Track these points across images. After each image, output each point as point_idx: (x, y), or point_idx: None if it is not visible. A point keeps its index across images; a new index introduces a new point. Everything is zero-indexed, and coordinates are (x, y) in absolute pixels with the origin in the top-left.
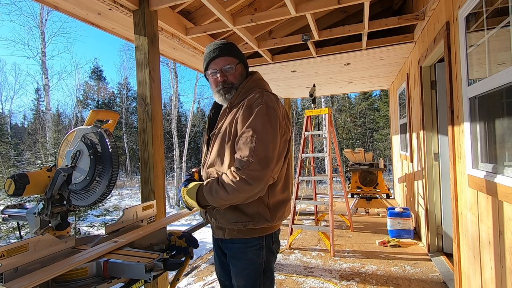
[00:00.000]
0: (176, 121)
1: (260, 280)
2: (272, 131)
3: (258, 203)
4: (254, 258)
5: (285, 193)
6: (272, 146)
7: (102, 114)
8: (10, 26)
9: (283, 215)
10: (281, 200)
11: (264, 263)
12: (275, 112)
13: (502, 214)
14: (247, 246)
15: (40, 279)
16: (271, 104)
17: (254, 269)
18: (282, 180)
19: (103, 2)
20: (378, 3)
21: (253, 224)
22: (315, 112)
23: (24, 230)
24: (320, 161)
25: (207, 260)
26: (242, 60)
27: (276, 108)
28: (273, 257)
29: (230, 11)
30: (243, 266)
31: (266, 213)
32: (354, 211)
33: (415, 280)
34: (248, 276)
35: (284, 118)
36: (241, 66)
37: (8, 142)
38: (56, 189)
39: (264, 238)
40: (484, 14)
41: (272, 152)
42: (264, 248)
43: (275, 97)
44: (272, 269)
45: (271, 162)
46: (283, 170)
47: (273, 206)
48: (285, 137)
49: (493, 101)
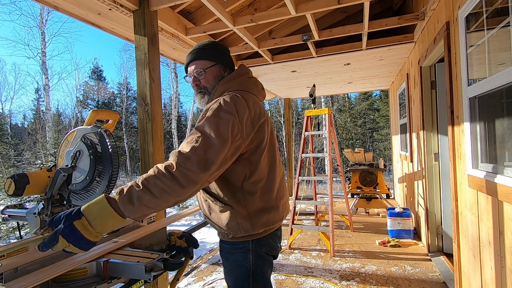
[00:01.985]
0: (176, 121)
1: (249, 283)
2: (221, 134)
3: (235, 214)
4: (241, 260)
5: (265, 200)
6: (218, 150)
7: (102, 114)
8: (10, 26)
9: (267, 222)
10: (262, 208)
11: (252, 266)
12: (228, 115)
13: (502, 214)
14: (234, 248)
15: (40, 279)
16: (227, 106)
17: (242, 271)
18: (261, 187)
19: (103, 2)
20: (378, 3)
21: (233, 235)
22: (315, 112)
23: (24, 230)
24: (320, 161)
25: (207, 260)
26: (219, 61)
27: (231, 111)
28: (263, 262)
29: (230, 11)
30: (231, 267)
31: (245, 223)
32: (354, 211)
33: (415, 280)
34: (236, 277)
35: (246, 122)
36: (217, 68)
37: (8, 142)
38: (56, 189)
39: (250, 242)
40: (484, 14)
41: (215, 156)
42: (251, 251)
43: (241, 99)
44: (265, 273)
45: (211, 166)
46: (260, 177)
47: (253, 215)
48: (238, 142)
49: (493, 101)
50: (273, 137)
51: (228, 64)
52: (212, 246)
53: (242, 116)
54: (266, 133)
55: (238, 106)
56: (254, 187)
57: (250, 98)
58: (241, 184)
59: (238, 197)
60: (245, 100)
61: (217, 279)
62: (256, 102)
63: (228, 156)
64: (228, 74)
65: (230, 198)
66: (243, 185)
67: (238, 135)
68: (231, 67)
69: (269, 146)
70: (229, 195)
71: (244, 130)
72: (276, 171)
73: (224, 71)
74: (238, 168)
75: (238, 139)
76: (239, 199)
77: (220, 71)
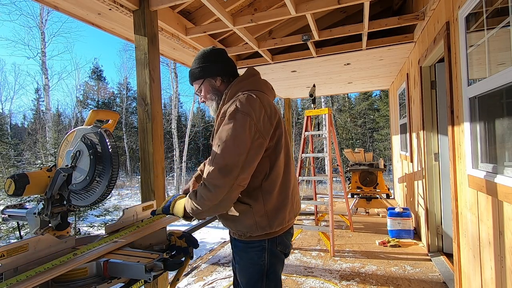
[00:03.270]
0: (176, 121)
1: (262, 282)
2: (238, 137)
3: (254, 213)
4: (256, 259)
5: (281, 198)
6: (237, 153)
7: (102, 114)
8: (10, 26)
9: (284, 220)
10: (279, 206)
11: (267, 265)
12: (244, 116)
13: (502, 214)
14: (249, 247)
15: (40, 279)
16: (243, 108)
17: (256, 270)
18: (278, 185)
19: (103, 2)
20: (378, 3)
21: (251, 234)
22: (315, 112)
23: (24, 230)
24: (320, 161)
25: (207, 260)
26: (205, 74)
27: (248, 111)
28: (277, 260)
29: (230, 11)
30: (245, 265)
31: (263, 221)
32: (354, 211)
33: (415, 280)
34: (250, 275)
35: (263, 120)
36: (207, 82)
37: (8, 142)
38: (56, 189)
39: (266, 241)
40: (484, 14)
41: (234, 159)
42: (267, 250)
43: (256, 98)
44: (277, 271)
45: (234, 170)
46: (278, 174)
47: (270, 213)
48: (259, 140)
49: (493, 101)
50: (286, 135)
51: (216, 71)
52: (212, 246)
53: (258, 116)
54: (281, 131)
55: (254, 106)
56: (272, 185)
57: (264, 97)
58: (260, 183)
59: (256, 196)
60: (260, 99)
61: (217, 279)
62: (269, 101)
63: (251, 156)
64: (221, 78)
65: (248, 197)
66: (262, 184)
67: (257, 134)
68: (224, 71)
69: (284, 144)
70: (248, 194)
71: (263, 128)
72: (291, 168)
73: (215, 80)
74: (258, 167)
75: (258, 138)
76: (258, 198)
77: (211, 83)
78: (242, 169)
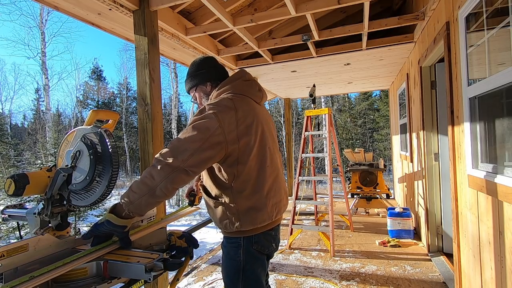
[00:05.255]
0: (176, 121)
1: (239, 278)
2: (196, 127)
3: (225, 209)
4: (232, 254)
5: (254, 199)
6: (192, 139)
7: (102, 114)
8: (10, 26)
9: (256, 220)
10: (252, 206)
11: (243, 262)
12: (210, 113)
13: (502, 214)
14: (228, 242)
15: (40, 279)
16: (211, 105)
17: (233, 265)
18: (250, 186)
19: (103, 2)
20: (378, 3)
21: (225, 230)
22: (315, 112)
23: (24, 230)
24: (320, 161)
25: (207, 260)
26: (197, 82)
27: (213, 109)
28: (254, 260)
29: (230, 11)
30: (225, 259)
31: (235, 219)
32: (354, 211)
33: (415, 280)
34: (228, 270)
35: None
36: (198, 89)
37: (8, 142)
38: (56, 189)
39: (241, 239)
40: (484, 14)
41: (188, 145)
42: (242, 248)
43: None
44: (255, 270)
45: (184, 153)
46: (249, 176)
47: (242, 212)
48: (219, 137)
49: (493, 101)
50: (264, 138)
51: (206, 78)
52: (212, 246)
53: (224, 114)
54: (254, 134)
55: (222, 105)
56: (243, 186)
57: (243, 100)
58: (230, 184)
59: (228, 195)
60: (234, 101)
61: (217, 279)
62: (248, 104)
63: (205, 146)
64: (211, 84)
65: (221, 195)
66: (233, 184)
67: (218, 130)
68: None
69: (259, 146)
70: (220, 192)
71: (226, 127)
72: (266, 171)
73: (205, 86)
74: (227, 169)
75: (217, 134)
76: (229, 197)
77: (202, 89)
78: (192, 155)
